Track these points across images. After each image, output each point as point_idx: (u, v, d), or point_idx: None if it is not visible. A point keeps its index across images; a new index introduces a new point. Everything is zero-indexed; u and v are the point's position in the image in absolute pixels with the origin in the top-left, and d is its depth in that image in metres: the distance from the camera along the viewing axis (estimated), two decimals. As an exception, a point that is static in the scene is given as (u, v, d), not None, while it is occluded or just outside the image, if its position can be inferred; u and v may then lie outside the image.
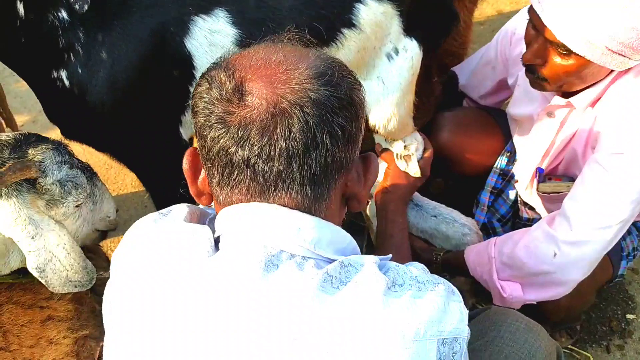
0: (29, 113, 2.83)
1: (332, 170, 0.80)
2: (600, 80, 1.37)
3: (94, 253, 1.32)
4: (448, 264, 1.59)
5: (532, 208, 1.67)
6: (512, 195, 1.73)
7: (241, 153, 0.76)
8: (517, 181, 1.68)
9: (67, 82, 1.15)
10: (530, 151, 1.56)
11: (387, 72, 1.39)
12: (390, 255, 0.93)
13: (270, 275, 0.75)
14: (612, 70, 1.34)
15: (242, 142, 0.76)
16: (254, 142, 0.76)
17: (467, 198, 1.83)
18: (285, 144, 0.76)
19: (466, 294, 1.78)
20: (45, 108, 1.26)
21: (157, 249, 0.82)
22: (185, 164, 0.87)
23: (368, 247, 1.82)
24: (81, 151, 1.36)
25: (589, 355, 1.78)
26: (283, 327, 0.73)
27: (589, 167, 1.36)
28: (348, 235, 0.86)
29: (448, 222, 1.60)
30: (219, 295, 0.75)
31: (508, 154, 1.71)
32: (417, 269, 0.84)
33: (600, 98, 1.40)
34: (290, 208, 0.80)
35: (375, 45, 1.35)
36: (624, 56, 1.26)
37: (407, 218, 1.59)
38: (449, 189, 1.93)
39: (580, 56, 1.25)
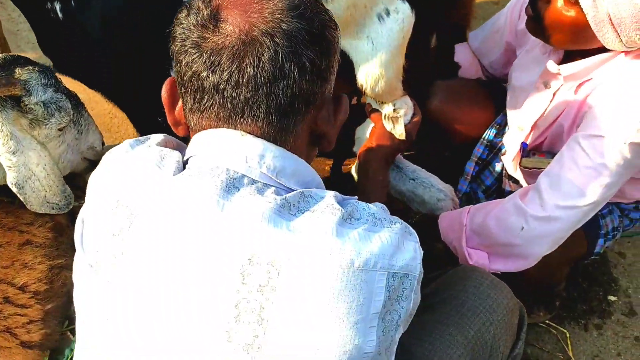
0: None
1: (299, 103, 0.83)
2: (590, 55, 1.38)
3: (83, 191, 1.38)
4: (422, 228, 1.62)
5: (516, 181, 1.69)
6: (498, 167, 1.75)
7: (212, 78, 0.81)
8: (504, 153, 1.69)
9: (60, 14, 1.20)
10: (521, 122, 1.58)
11: (376, 32, 1.41)
12: (355, 197, 0.97)
13: (230, 196, 0.80)
14: (604, 48, 1.34)
15: (213, 68, 0.80)
16: (224, 68, 0.80)
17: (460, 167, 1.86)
18: (254, 71, 0.80)
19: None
20: (40, 40, 1.31)
21: (128, 171, 0.87)
22: (164, 92, 0.92)
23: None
24: (87, 99, 1.43)
25: (565, 331, 1.82)
26: (238, 247, 0.77)
27: (568, 146, 1.38)
28: (314, 171, 0.91)
29: (425, 186, 1.63)
30: (179, 212, 0.80)
31: (497, 126, 1.73)
32: (377, 207, 0.87)
33: (589, 77, 1.40)
34: (255, 136, 0.84)
35: (366, 3, 1.36)
36: (618, 33, 1.26)
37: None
38: (444, 158, 1.96)
39: (582, 12, 1.26)
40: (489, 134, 1.73)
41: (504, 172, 1.72)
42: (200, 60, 0.81)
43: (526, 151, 1.55)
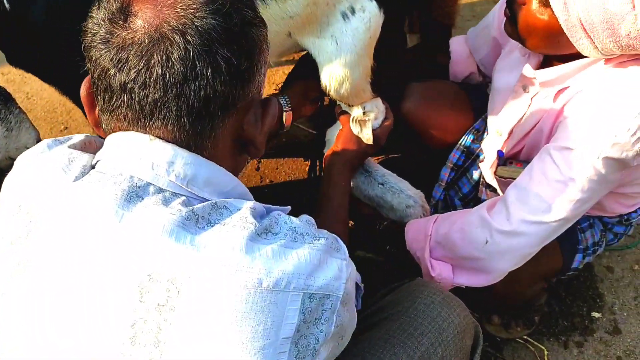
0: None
1: (215, 106, 0.78)
2: (569, 61, 1.30)
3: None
4: (389, 235, 1.56)
5: (494, 190, 1.61)
6: (475, 175, 1.67)
7: (119, 77, 0.76)
8: (482, 160, 1.62)
9: (7, 5, 1.17)
10: (499, 126, 1.50)
11: (341, 31, 1.35)
12: (288, 208, 0.92)
13: (131, 206, 0.75)
14: (581, 55, 1.26)
15: (120, 65, 0.76)
16: (131, 66, 0.75)
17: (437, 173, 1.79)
18: (162, 71, 0.75)
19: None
20: (-11, 33, 1.28)
21: (35, 175, 0.83)
22: (83, 90, 0.87)
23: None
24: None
25: (543, 348, 1.74)
26: (136, 261, 0.73)
27: (539, 157, 1.30)
28: (236, 180, 0.85)
29: (394, 191, 1.56)
30: (76, 221, 0.76)
31: (475, 131, 1.65)
32: (301, 220, 0.82)
33: (567, 84, 1.32)
34: (166, 141, 0.78)
35: (328, 0, 1.30)
36: (592, 39, 1.18)
37: (355, 183, 1.56)
38: (419, 163, 1.89)
39: (554, 16, 1.18)
40: (466, 139, 1.65)
41: (481, 179, 1.64)
42: (108, 57, 0.76)
43: (502, 159, 1.48)
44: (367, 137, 1.50)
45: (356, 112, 1.52)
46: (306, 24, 1.32)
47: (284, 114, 1.48)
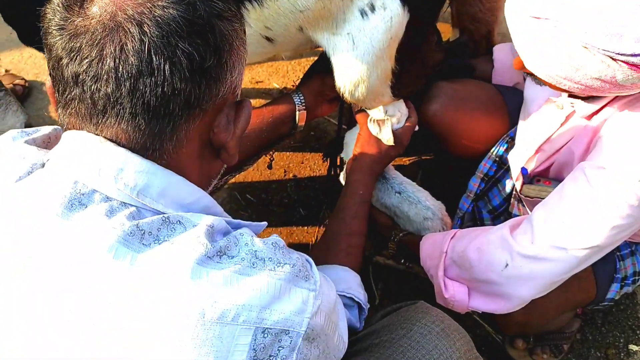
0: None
1: (176, 105, 0.71)
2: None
3: None
4: (405, 248, 1.46)
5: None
6: (508, 187, 1.53)
7: (71, 67, 0.70)
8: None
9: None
10: (527, 140, 1.36)
11: (358, 30, 1.24)
12: (264, 224, 0.84)
13: (72, 214, 0.69)
14: None
15: (72, 54, 0.70)
16: (83, 56, 0.69)
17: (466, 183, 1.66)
18: (115, 63, 0.68)
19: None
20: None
21: None
22: (48, 81, 0.81)
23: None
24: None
25: (570, 380, 1.61)
26: (71, 277, 0.67)
27: (572, 176, 1.16)
28: (200, 191, 0.77)
29: (411, 201, 1.45)
30: (13, 225, 0.71)
31: (510, 140, 1.50)
32: (265, 243, 0.74)
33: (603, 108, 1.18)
34: (118, 144, 0.72)
35: (344, -5, 1.20)
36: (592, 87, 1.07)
37: (374, 196, 1.47)
38: (447, 172, 1.76)
39: None
40: (499, 149, 1.51)
41: (514, 192, 1.50)
42: (61, 45, 0.71)
43: (527, 177, 1.34)
44: (387, 138, 1.39)
45: (376, 113, 1.42)
46: (319, 19, 1.22)
47: (297, 113, 1.40)
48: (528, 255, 1.16)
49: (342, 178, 1.56)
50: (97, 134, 0.73)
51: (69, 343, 0.67)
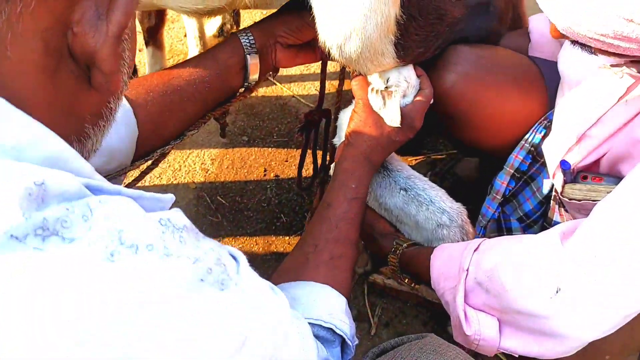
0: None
1: None
2: None
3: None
4: (409, 263, 1.09)
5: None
6: (545, 186, 1.17)
7: None
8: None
9: None
10: (570, 123, 1.00)
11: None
12: (169, 196, 0.55)
13: None
14: None
15: None
16: None
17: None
18: None
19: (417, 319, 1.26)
20: None
21: None
22: None
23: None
24: None
25: None
26: None
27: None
28: (41, 128, 0.46)
29: (421, 202, 1.08)
30: None
31: (549, 124, 1.15)
32: (147, 219, 0.46)
33: None
34: None
35: None
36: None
37: (370, 186, 1.10)
38: (466, 166, 1.40)
39: None
40: (536, 135, 1.15)
41: (553, 194, 1.14)
42: None
43: (570, 174, 0.99)
44: (391, 116, 1.03)
45: (376, 82, 1.07)
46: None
47: (247, 57, 1.04)
48: (591, 276, 0.80)
49: (332, 171, 1.20)
50: None
51: None
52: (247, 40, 1.04)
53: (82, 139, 0.55)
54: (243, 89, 1.09)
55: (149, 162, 1.02)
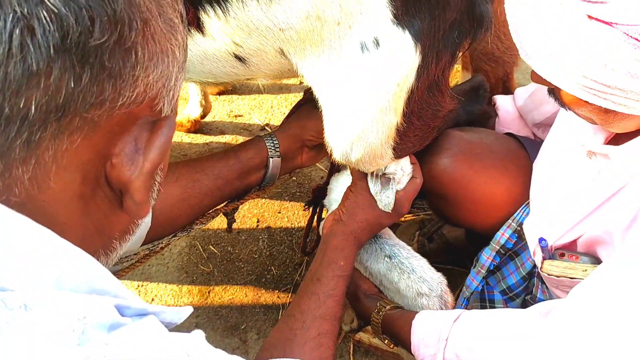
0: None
1: (34, 103, 0.43)
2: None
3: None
4: (391, 325, 1.14)
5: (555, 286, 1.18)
6: (529, 262, 1.24)
7: None
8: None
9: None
10: (541, 202, 1.09)
11: (356, 68, 0.94)
12: (188, 309, 0.58)
13: None
14: None
15: None
16: None
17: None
18: None
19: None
20: None
21: None
22: None
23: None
24: None
25: None
26: None
27: (624, 252, 0.89)
28: (86, 258, 0.48)
29: (403, 270, 1.15)
30: None
31: (533, 205, 1.22)
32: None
33: None
34: None
35: (340, 19, 0.91)
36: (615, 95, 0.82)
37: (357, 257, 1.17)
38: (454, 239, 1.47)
39: None
40: (521, 215, 1.23)
41: (537, 270, 1.21)
42: None
43: (547, 251, 1.06)
44: (385, 202, 1.10)
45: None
46: (306, 42, 0.93)
47: (270, 160, 1.10)
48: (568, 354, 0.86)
49: (321, 229, 1.26)
50: None
51: None
52: (271, 144, 1.11)
53: (109, 252, 0.59)
54: (258, 187, 1.15)
55: (146, 251, 1.05)
